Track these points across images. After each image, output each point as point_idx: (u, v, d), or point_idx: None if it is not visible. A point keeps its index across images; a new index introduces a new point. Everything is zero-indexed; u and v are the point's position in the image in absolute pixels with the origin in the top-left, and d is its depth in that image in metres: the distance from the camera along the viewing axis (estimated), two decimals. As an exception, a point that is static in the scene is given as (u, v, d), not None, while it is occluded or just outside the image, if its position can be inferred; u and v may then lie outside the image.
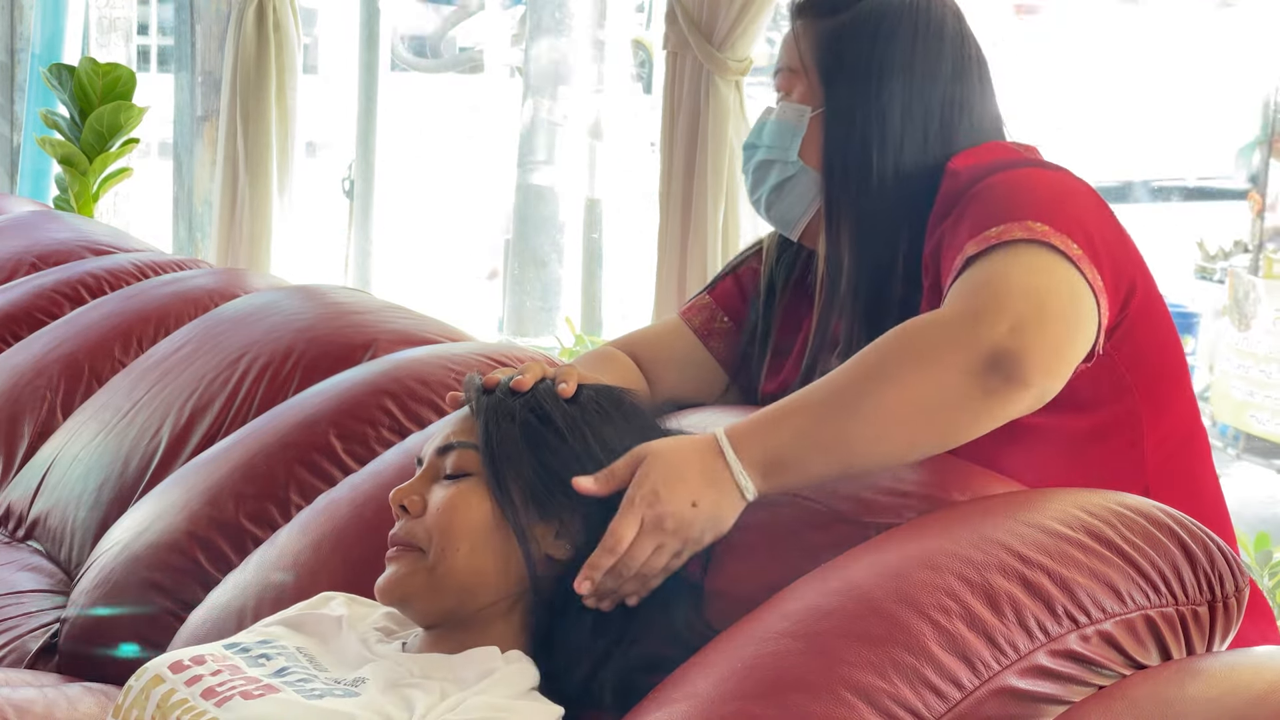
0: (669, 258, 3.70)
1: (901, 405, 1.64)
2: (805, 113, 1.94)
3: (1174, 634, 1.53)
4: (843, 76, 1.92)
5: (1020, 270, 1.68)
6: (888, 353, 1.66)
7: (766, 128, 1.98)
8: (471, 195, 9.85)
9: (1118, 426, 1.82)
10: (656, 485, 1.65)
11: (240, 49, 4.86)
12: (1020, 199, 1.76)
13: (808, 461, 1.67)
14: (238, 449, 2.52)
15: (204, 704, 1.65)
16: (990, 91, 1.96)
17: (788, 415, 1.67)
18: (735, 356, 2.10)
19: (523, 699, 1.64)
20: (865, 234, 1.90)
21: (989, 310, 1.64)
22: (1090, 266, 1.72)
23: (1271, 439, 6.79)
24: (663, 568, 1.67)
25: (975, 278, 1.70)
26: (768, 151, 1.97)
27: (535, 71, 6.91)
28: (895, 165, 1.89)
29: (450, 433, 1.77)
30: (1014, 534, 1.54)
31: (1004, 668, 1.47)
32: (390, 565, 1.74)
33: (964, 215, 1.79)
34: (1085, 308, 1.70)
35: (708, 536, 1.67)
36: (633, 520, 1.65)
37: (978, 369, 1.62)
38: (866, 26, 1.92)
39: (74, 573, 2.66)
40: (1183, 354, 1.90)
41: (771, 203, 1.98)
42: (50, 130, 5.26)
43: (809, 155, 1.94)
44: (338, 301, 2.91)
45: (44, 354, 3.16)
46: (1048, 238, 1.71)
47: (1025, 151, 1.91)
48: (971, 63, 1.94)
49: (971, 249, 1.73)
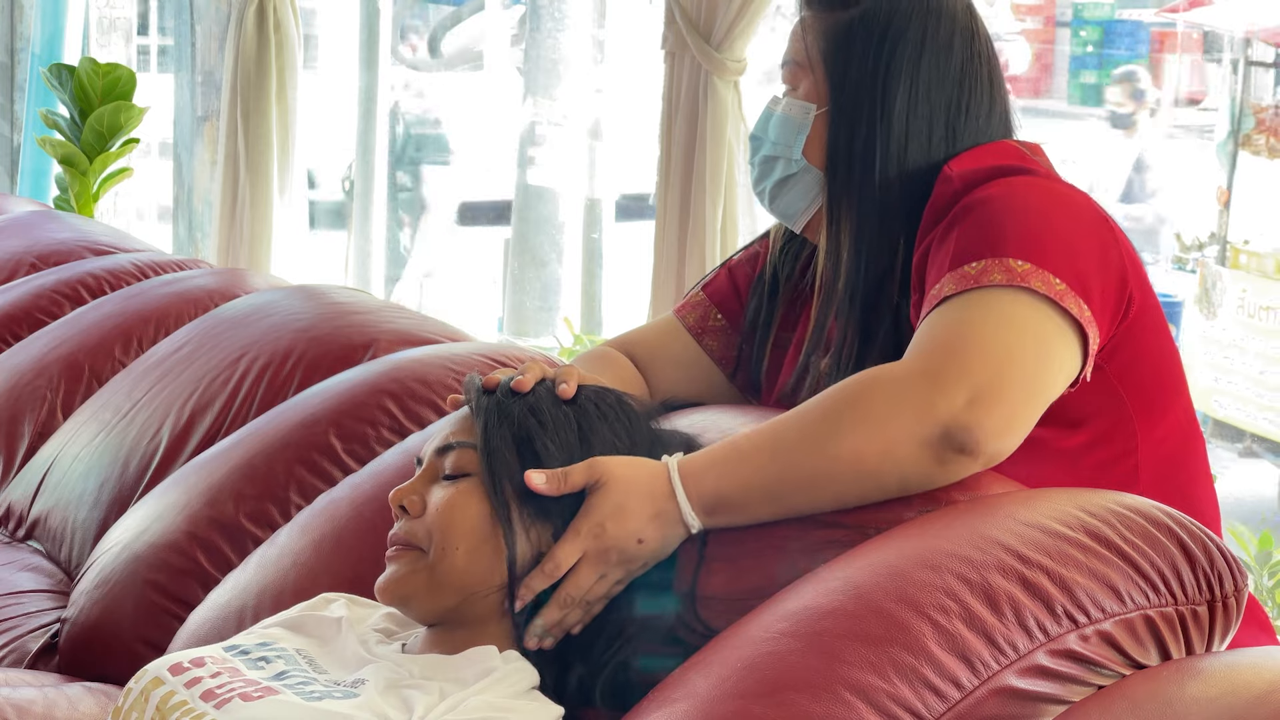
0: (666, 258, 3.70)
1: (851, 466, 1.65)
2: (810, 110, 1.92)
3: (1173, 634, 1.53)
4: (849, 76, 1.90)
5: (991, 326, 1.67)
6: (845, 408, 1.66)
7: (772, 121, 1.96)
8: (471, 195, 9.84)
9: (1110, 438, 1.81)
10: (604, 519, 1.68)
11: (240, 49, 4.86)
12: (1006, 227, 1.74)
13: (753, 506, 1.69)
14: (238, 449, 2.52)
15: (203, 706, 1.65)
16: (1000, 88, 1.93)
17: (741, 458, 1.69)
18: (731, 354, 2.09)
19: (523, 698, 1.64)
20: (865, 236, 1.89)
21: (949, 377, 1.64)
22: (1075, 300, 1.70)
23: (1234, 424, 6.92)
24: (604, 594, 1.69)
25: (944, 330, 1.69)
26: (772, 147, 1.96)
27: (535, 71, 6.91)
28: (899, 168, 1.87)
29: (449, 433, 1.78)
30: (1013, 534, 1.54)
31: (1003, 667, 1.47)
32: (390, 565, 1.74)
33: (950, 233, 1.78)
34: (1056, 358, 1.70)
35: (649, 565, 1.70)
36: (575, 549, 1.68)
37: (932, 440, 1.63)
38: (876, 24, 1.89)
39: (74, 573, 2.66)
40: (1178, 360, 1.88)
41: (775, 196, 1.97)
42: (50, 130, 5.25)
43: (812, 153, 1.93)
44: (338, 301, 2.91)
45: (44, 354, 3.16)
46: (1027, 280, 1.69)
47: (1027, 153, 1.89)
48: (981, 61, 1.91)
49: (949, 287, 1.72)
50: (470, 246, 8.93)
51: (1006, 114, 1.94)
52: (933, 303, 1.73)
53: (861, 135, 1.88)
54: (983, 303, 1.69)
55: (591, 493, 1.69)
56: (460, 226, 9.25)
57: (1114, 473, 1.81)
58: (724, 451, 1.71)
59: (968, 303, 1.70)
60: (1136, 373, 1.82)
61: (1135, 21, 14.33)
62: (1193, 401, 1.92)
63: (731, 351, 2.09)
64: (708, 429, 1.89)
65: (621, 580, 1.69)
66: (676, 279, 3.65)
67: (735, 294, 2.09)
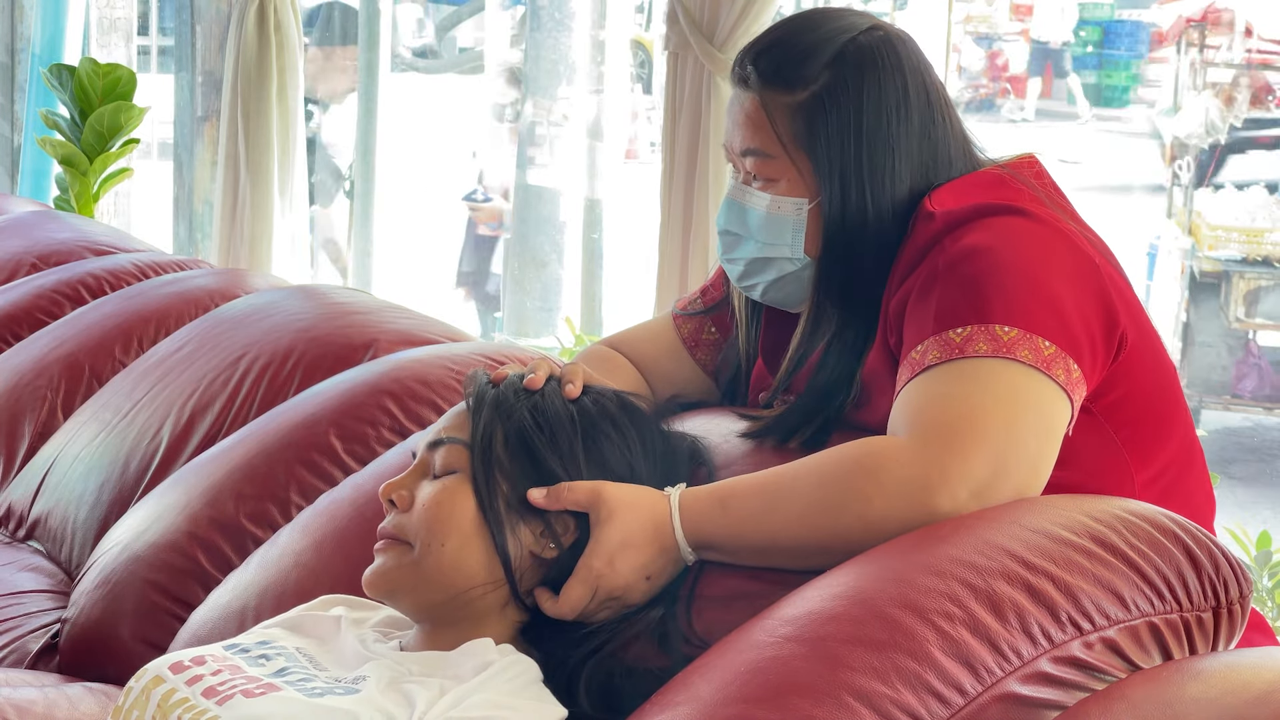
0: (670, 257, 3.70)
1: (844, 545, 1.65)
2: (803, 206, 1.85)
3: (1178, 640, 1.52)
4: (836, 161, 1.82)
5: (990, 401, 1.65)
6: (846, 484, 1.65)
7: (753, 218, 1.88)
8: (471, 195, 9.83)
9: (1101, 477, 1.78)
10: (613, 555, 1.69)
11: (241, 49, 4.86)
12: (989, 289, 1.70)
13: (742, 556, 1.71)
14: (238, 449, 2.51)
15: (205, 703, 1.65)
16: (953, 113, 1.89)
17: (735, 505, 1.70)
18: (722, 368, 2.07)
19: (526, 696, 1.63)
20: (854, 289, 1.85)
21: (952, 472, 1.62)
22: (1063, 362, 1.68)
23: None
24: (608, 617, 1.72)
25: (941, 407, 1.66)
26: (764, 248, 1.88)
27: (535, 71, 6.91)
28: (888, 219, 1.83)
29: (442, 428, 1.78)
30: (1018, 540, 1.54)
31: (1007, 674, 1.47)
32: (378, 557, 1.75)
33: (932, 288, 1.74)
34: (1055, 429, 1.69)
35: (652, 594, 1.73)
36: (586, 591, 1.70)
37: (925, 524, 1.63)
38: (844, 96, 1.82)
39: (74, 573, 2.66)
40: (1176, 384, 1.85)
41: (769, 290, 1.91)
42: (50, 130, 5.25)
43: (810, 247, 1.86)
44: (338, 301, 2.91)
45: (44, 354, 3.16)
46: (1014, 351, 1.67)
47: (1009, 181, 1.84)
48: (934, 94, 1.86)
49: (933, 355, 1.69)
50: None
51: (963, 134, 1.89)
52: (915, 368, 1.70)
53: (853, 212, 1.83)
54: (973, 375, 1.67)
55: (597, 525, 1.70)
56: (460, 226, 9.25)
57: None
58: (722, 495, 1.72)
59: (958, 373, 1.68)
60: (1128, 408, 1.79)
61: (1135, 22, 14.34)
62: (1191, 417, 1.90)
63: (724, 365, 2.07)
64: (709, 431, 1.89)
65: (626, 606, 1.72)
66: (680, 278, 3.65)
67: (731, 313, 2.07)
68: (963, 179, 1.85)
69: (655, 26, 10.74)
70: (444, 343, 2.68)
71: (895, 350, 1.79)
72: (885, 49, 1.84)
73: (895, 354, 1.79)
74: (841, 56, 1.83)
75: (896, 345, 1.79)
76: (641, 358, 2.09)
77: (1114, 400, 1.78)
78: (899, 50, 1.85)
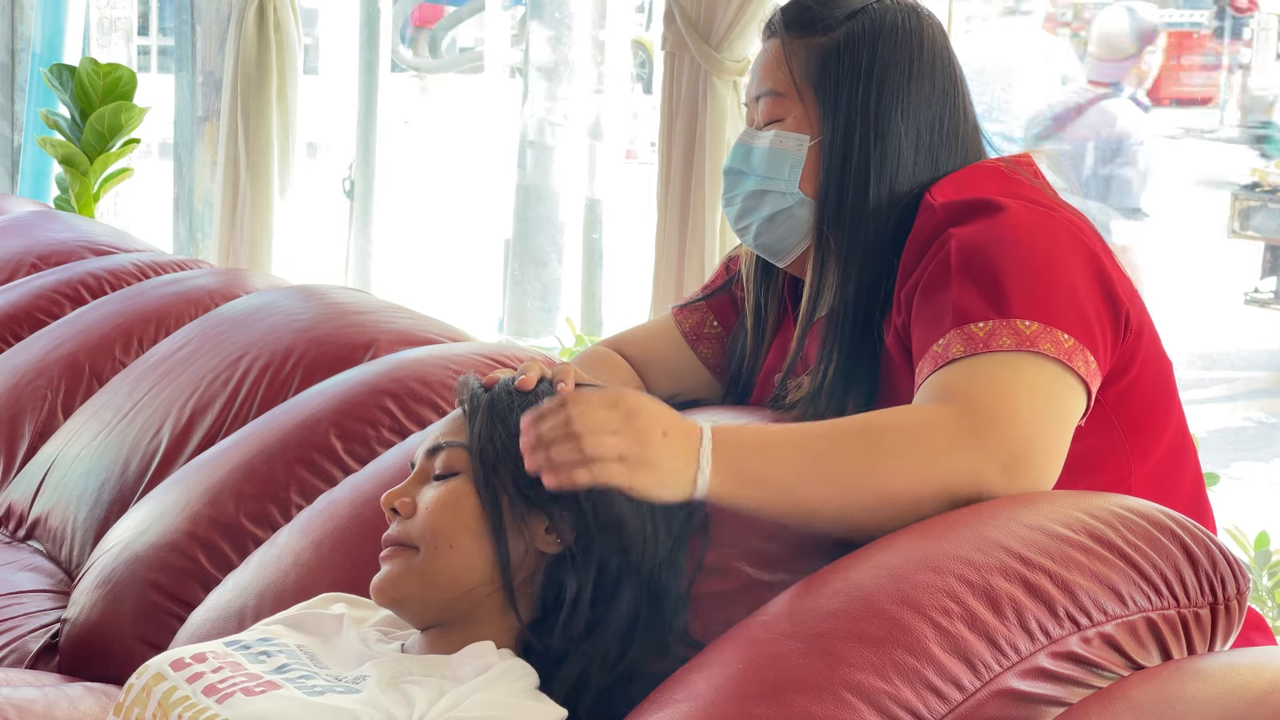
0: (667, 257, 3.70)
1: (873, 504, 1.63)
2: (804, 142, 1.88)
3: (1175, 636, 1.53)
4: (842, 102, 1.86)
5: (1024, 392, 1.66)
6: (889, 433, 1.64)
7: (756, 154, 1.91)
8: (471, 195, 9.85)
9: (1100, 465, 1.79)
10: (644, 400, 1.62)
11: (241, 49, 4.86)
12: (1007, 282, 1.71)
13: (764, 505, 1.65)
14: (238, 449, 2.52)
15: (205, 701, 1.66)
16: (971, 107, 1.91)
17: (771, 451, 1.64)
18: (724, 362, 2.08)
19: (526, 698, 1.64)
20: (853, 263, 1.85)
21: (991, 441, 1.63)
22: (1083, 354, 1.70)
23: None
24: (599, 457, 1.59)
25: (979, 388, 1.66)
26: (761, 181, 1.90)
27: (535, 72, 6.91)
28: (889, 193, 1.85)
29: (440, 434, 1.79)
30: (1015, 536, 1.54)
31: (1005, 669, 1.47)
32: (384, 565, 1.75)
33: (945, 281, 1.74)
34: (1073, 420, 1.70)
35: (646, 478, 1.60)
36: (607, 396, 1.62)
37: (958, 500, 1.63)
38: (863, 47, 1.86)
39: (75, 573, 2.66)
40: (1171, 372, 1.87)
41: (762, 232, 1.92)
42: (51, 130, 5.25)
43: (806, 185, 1.88)
44: (338, 301, 2.91)
45: (45, 354, 3.16)
46: (1037, 344, 1.68)
47: (1009, 174, 1.85)
48: (957, 81, 1.89)
49: (957, 348, 1.70)
50: (471, 247, 8.93)
51: (977, 127, 1.92)
52: (938, 361, 1.71)
53: (856, 161, 1.85)
54: (1001, 366, 1.68)
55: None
56: (460, 227, 9.26)
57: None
58: (760, 439, 1.66)
59: (985, 365, 1.68)
60: (1131, 397, 1.80)
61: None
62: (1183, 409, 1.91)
63: (725, 360, 2.08)
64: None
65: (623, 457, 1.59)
66: (677, 278, 3.65)
67: (733, 306, 2.08)
68: (965, 170, 1.86)
69: (655, 26, 10.73)
70: (444, 343, 2.69)
71: (902, 331, 1.80)
72: (910, 17, 1.89)
73: (902, 336, 1.80)
74: (865, 10, 1.88)
75: (903, 326, 1.80)
76: (642, 356, 2.10)
77: (1123, 388, 1.79)
78: (924, 23, 1.89)
